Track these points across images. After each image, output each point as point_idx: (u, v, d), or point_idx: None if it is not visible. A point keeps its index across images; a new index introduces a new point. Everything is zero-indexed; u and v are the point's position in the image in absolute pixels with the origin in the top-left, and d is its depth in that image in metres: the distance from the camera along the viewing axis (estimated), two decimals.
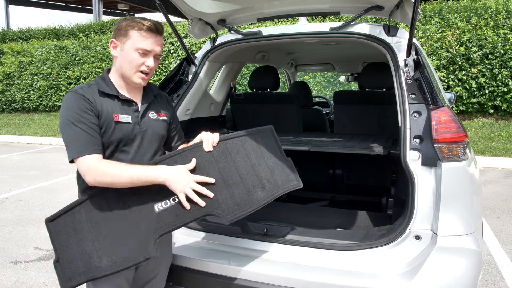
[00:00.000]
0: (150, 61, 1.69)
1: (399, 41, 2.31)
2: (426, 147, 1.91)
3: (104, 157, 1.64)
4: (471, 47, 8.88)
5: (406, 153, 1.93)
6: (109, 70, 1.79)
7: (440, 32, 9.20)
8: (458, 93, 9.01)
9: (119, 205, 1.66)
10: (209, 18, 2.69)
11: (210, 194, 1.64)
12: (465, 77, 8.98)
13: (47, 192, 5.95)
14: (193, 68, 2.76)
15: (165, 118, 1.86)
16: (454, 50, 8.96)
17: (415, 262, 1.83)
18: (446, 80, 9.05)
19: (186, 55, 2.74)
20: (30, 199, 5.63)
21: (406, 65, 2.19)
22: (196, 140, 1.80)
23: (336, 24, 2.46)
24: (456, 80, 9.07)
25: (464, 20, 9.19)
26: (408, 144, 1.94)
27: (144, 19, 1.69)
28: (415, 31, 2.89)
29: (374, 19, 7.02)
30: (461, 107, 9.23)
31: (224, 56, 2.98)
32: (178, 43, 11.61)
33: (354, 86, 8.28)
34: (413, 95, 2.05)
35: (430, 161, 1.89)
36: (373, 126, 3.22)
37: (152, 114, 1.81)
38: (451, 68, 9.06)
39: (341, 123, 3.40)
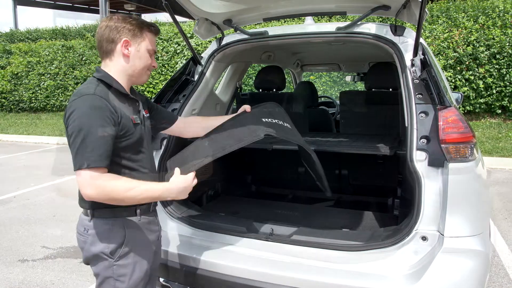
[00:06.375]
0: (155, 61, 1.81)
1: (406, 41, 2.30)
2: (433, 147, 1.89)
3: (125, 161, 1.66)
4: (478, 47, 8.81)
5: (413, 154, 1.92)
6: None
7: (447, 32, 9.14)
8: (465, 93, 8.94)
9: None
10: (215, 18, 2.69)
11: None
12: (472, 77, 8.91)
13: (54, 191, 5.99)
14: (199, 68, 2.77)
15: (148, 114, 1.91)
16: (461, 50, 8.90)
17: (421, 263, 1.82)
18: (453, 80, 8.99)
19: (192, 55, 2.75)
20: (37, 198, 5.67)
21: (413, 65, 2.17)
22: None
23: (342, 24, 2.45)
24: (463, 80, 9.00)
25: (472, 19, 9.11)
26: (415, 145, 1.93)
27: (144, 20, 1.77)
28: (422, 30, 2.88)
29: (381, 19, 6.99)
30: (468, 107, 9.16)
31: (230, 56, 2.98)
32: (184, 43, 11.64)
33: (360, 86, 8.24)
34: (420, 95, 2.04)
35: (437, 161, 1.88)
36: (379, 126, 3.21)
37: (143, 112, 1.85)
38: (458, 68, 9.00)
39: (347, 123, 3.39)
